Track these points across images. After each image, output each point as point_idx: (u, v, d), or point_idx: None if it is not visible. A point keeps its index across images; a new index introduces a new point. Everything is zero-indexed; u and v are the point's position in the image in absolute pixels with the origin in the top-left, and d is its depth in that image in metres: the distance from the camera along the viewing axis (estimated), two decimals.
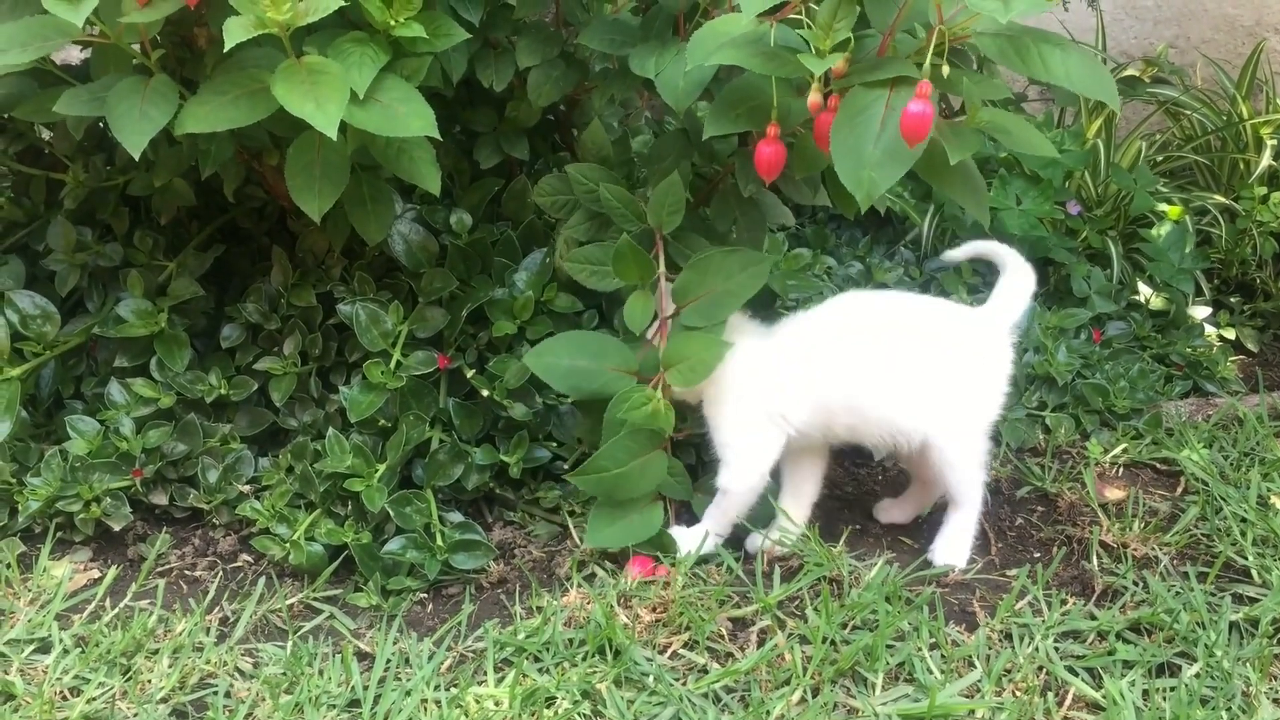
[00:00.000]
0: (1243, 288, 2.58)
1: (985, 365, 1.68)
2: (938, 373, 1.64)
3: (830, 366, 1.64)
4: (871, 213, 2.46)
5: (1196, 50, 3.11)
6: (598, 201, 1.73)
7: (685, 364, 1.62)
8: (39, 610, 1.59)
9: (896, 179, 1.35)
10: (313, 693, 1.43)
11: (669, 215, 1.68)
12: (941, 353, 1.65)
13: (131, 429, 1.76)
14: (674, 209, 1.68)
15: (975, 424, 1.67)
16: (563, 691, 1.42)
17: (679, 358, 1.63)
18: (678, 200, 1.68)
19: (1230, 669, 1.46)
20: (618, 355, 1.67)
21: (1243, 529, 1.74)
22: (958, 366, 1.66)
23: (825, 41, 1.36)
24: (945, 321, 1.69)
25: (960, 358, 1.66)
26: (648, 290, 1.68)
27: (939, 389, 1.64)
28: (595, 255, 1.73)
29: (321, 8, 1.40)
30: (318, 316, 1.87)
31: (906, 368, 1.64)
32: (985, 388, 1.68)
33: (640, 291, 1.68)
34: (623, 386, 1.64)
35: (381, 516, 1.68)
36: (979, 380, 1.67)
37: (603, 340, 1.70)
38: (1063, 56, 1.36)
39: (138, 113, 1.47)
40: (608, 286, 1.73)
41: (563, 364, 1.66)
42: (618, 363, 1.67)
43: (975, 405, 1.67)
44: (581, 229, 1.78)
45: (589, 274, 1.73)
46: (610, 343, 1.70)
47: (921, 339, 1.65)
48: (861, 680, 1.45)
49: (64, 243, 1.89)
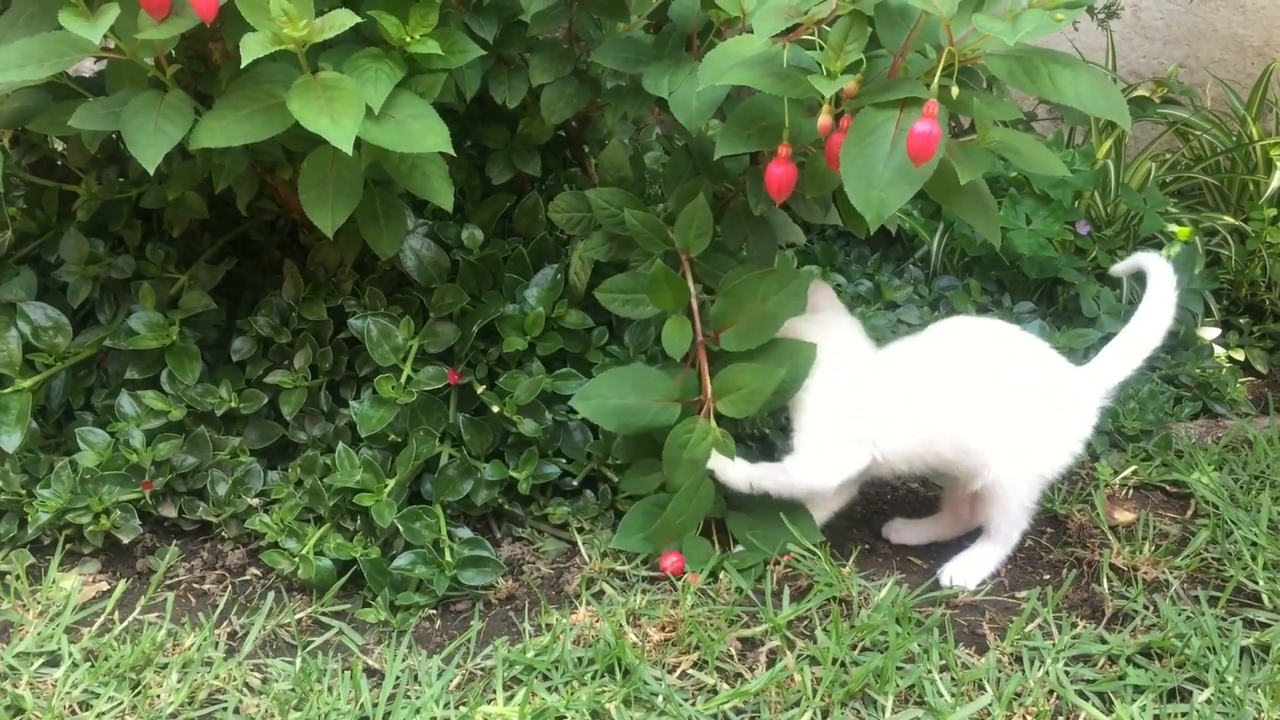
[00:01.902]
0: (1252, 309, 2.58)
1: (1074, 417, 1.68)
2: (1034, 414, 1.64)
3: (941, 397, 1.63)
4: (881, 230, 2.44)
5: (1206, 71, 3.11)
6: (620, 224, 1.73)
7: (738, 394, 1.63)
8: (48, 623, 1.59)
9: (906, 199, 1.35)
10: (322, 709, 1.42)
11: (696, 238, 1.69)
12: (1040, 396, 1.64)
13: (141, 441, 1.76)
14: (700, 231, 1.69)
15: (1047, 472, 1.67)
16: (572, 711, 1.41)
17: (731, 387, 1.64)
18: (704, 222, 1.68)
19: (1242, 695, 1.45)
20: (661, 386, 1.68)
21: (1253, 553, 1.73)
22: (1052, 414, 1.66)
23: (837, 63, 1.36)
24: (1047, 367, 1.68)
25: (1055, 405, 1.66)
26: (683, 315, 1.69)
27: (1032, 431, 1.64)
28: (627, 284, 1.74)
29: (337, 24, 1.40)
30: (329, 330, 1.87)
31: (1010, 404, 1.63)
32: (1069, 439, 1.67)
33: (677, 317, 1.69)
34: (670, 417, 1.66)
35: (391, 532, 1.68)
36: (1066, 430, 1.67)
37: (643, 373, 1.71)
38: (1073, 76, 1.36)
39: (153, 127, 1.47)
40: (643, 314, 1.73)
41: (610, 403, 1.67)
42: (662, 393, 1.68)
43: (1056, 453, 1.67)
44: (601, 250, 1.78)
45: (622, 303, 1.74)
46: (650, 374, 1.70)
47: (1026, 377, 1.65)
48: (871, 703, 1.45)
49: (76, 254, 1.89)
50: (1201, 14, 3.14)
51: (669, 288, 1.67)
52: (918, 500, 1.91)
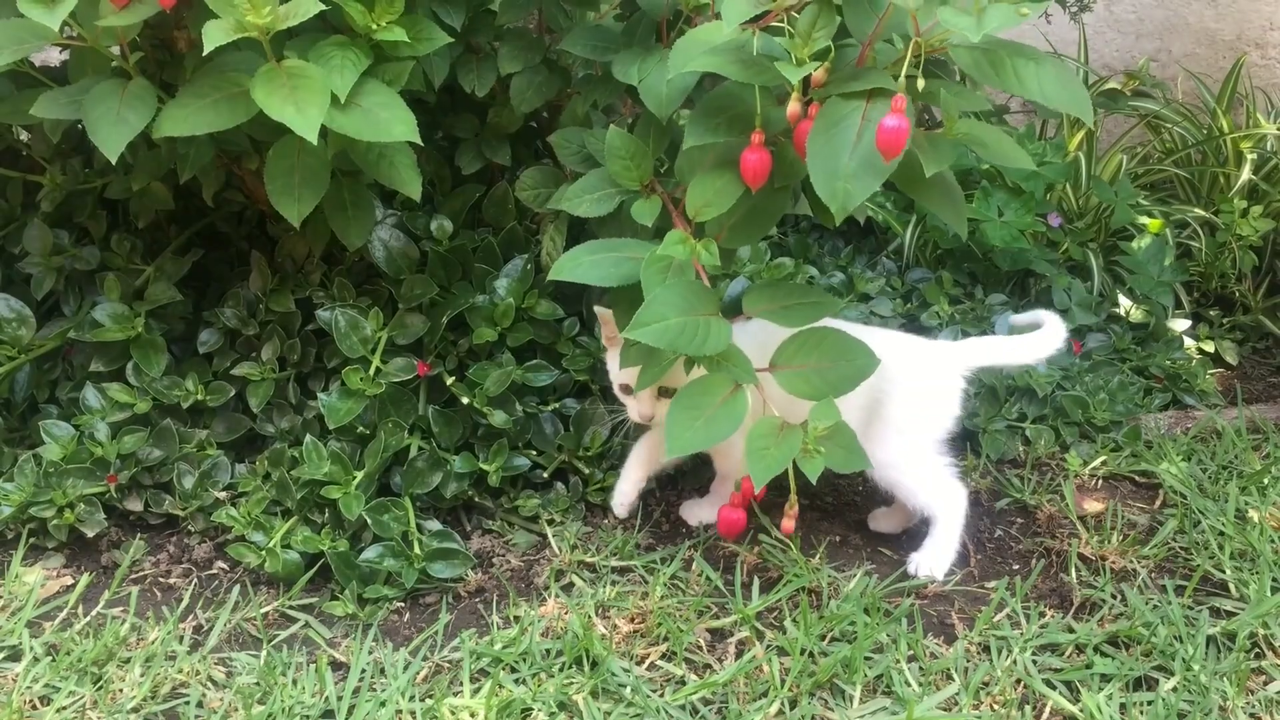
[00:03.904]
0: (1222, 301, 2.60)
1: (937, 386, 1.72)
2: (893, 395, 1.68)
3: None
4: (854, 223, 2.46)
5: (1178, 64, 3.13)
6: (586, 160, 1.70)
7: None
8: (10, 617, 1.57)
9: (872, 191, 1.34)
10: (286, 703, 1.41)
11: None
12: (895, 377, 1.67)
13: (107, 434, 1.74)
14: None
15: (924, 441, 1.70)
16: (539, 703, 1.41)
17: None
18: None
19: (1208, 683, 1.46)
20: (706, 299, 1.51)
21: (1220, 542, 1.74)
22: (913, 387, 1.70)
23: (804, 50, 1.35)
24: (900, 348, 1.72)
25: (916, 378, 1.70)
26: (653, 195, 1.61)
27: (893, 409, 1.68)
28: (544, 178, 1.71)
29: (302, 11, 1.39)
30: (296, 322, 1.86)
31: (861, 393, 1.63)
32: (936, 406, 1.71)
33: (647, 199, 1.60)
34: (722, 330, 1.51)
35: (359, 524, 1.67)
36: (930, 399, 1.71)
37: (687, 286, 1.53)
38: (1037, 70, 1.36)
39: (115, 116, 1.45)
40: (608, 207, 1.64)
41: (585, 260, 1.56)
42: (635, 250, 1.56)
43: (926, 422, 1.70)
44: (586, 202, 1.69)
45: (589, 204, 1.65)
46: (695, 285, 1.53)
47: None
48: (839, 693, 1.45)
49: (41, 245, 1.87)
50: (1173, 8, 3.15)
51: (631, 158, 1.59)
52: None
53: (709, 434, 1.49)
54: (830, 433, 1.50)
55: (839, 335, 1.53)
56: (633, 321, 1.44)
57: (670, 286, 1.49)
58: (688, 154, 1.57)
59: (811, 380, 1.53)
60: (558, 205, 1.72)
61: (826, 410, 1.50)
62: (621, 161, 1.59)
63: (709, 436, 1.49)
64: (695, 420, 1.49)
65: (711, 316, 1.49)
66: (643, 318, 1.45)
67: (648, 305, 1.46)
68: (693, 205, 1.52)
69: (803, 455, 1.49)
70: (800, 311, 1.59)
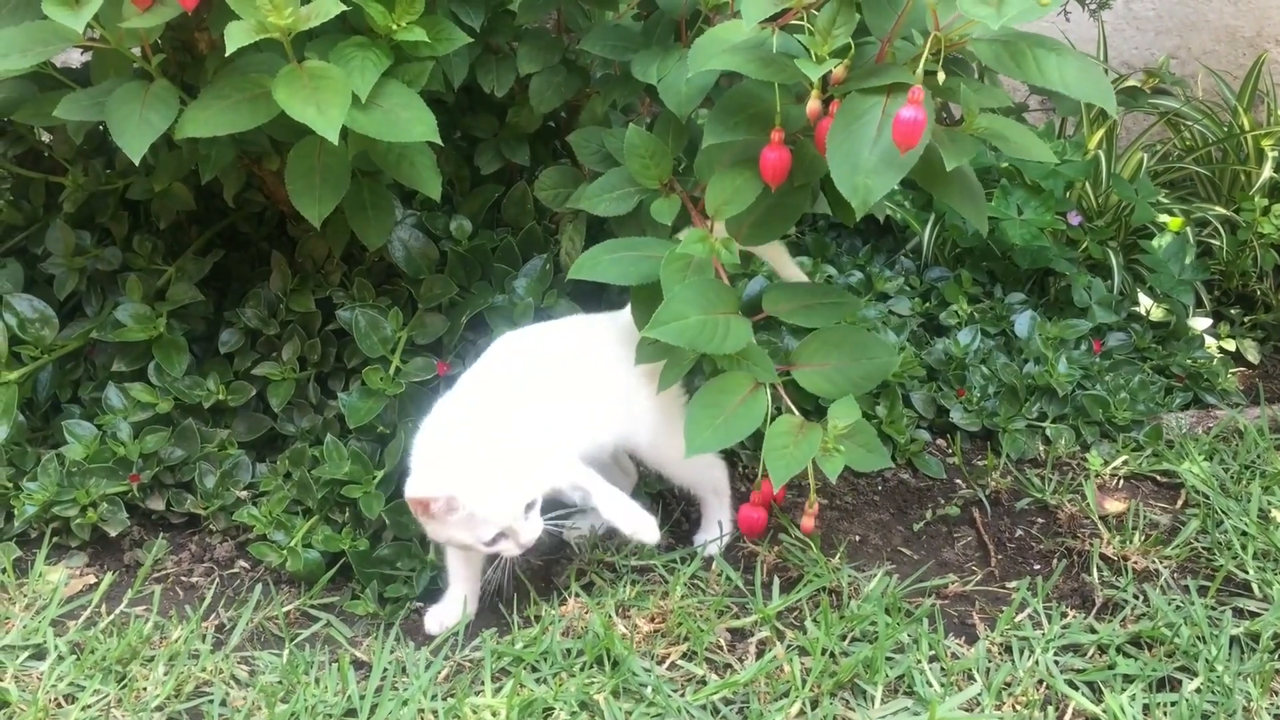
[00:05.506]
0: (1243, 299, 2.57)
1: None
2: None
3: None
4: (872, 221, 2.45)
5: (1198, 61, 3.11)
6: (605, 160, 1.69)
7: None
8: (34, 616, 1.58)
9: (892, 186, 1.34)
10: (309, 701, 1.42)
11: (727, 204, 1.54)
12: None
13: (129, 434, 1.75)
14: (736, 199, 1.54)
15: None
16: (560, 702, 1.41)
17: None
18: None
19: (1231, 684, 1.45)
20: (725, 298, 1.53)
21: (1243, 542, 1.73)
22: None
23: (824, 47, 1.36)
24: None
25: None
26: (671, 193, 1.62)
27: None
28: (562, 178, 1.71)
29: (323, 12, 1.39)
30: (317, 322, 1.86)
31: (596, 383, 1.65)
32: None
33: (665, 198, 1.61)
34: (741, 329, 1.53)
35: (379, 524, 1.67)
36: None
37: (706, 285, 1.54)
38: (1058, 61, 1.35)
39: (138, 118, 1.46)
40: (628, 206, 1.65)
41: (604, 259, 1.57)
42: (654, 249, 1.57)
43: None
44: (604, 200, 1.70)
45: (608, 203, 1.65)
46: (714, 284, 1.54)
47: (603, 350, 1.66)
48: (861, 693, 1.44)
49: (63, 246, 1.88)
50: (1193, 4, 3.13)
51: (649, 156, 1.59)
52: (908, 491, 1.90)
53: (728, 433, 1.49)
54: (850, 431, 1.50)
55: (860, 334, 1.53)
56: (652, 320, 1.44)
57: (689, 285, 1.50)
58: (707, 152, 1.58)
59: (834, 379, 1.53)
60: (576, 204, 1.73)
61: (846, 408, 1.50)
62: (640, 160, 1.60)
63: (728, 435, 1.49)
64: (715, 419, 1.49)
65: (731, 315, 1.50)
66: (662, 316, 1.45)
67: (667, 304, 1.46)
68: (712, 204, 1.53)
69: (822, 454, 1.49)
70: (821, 311, 1.59)
